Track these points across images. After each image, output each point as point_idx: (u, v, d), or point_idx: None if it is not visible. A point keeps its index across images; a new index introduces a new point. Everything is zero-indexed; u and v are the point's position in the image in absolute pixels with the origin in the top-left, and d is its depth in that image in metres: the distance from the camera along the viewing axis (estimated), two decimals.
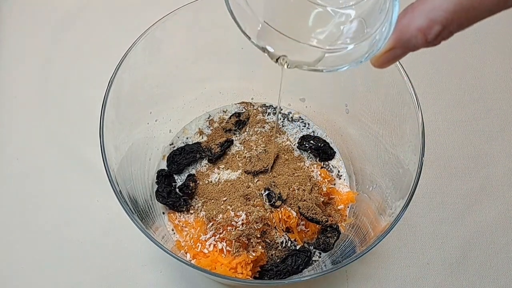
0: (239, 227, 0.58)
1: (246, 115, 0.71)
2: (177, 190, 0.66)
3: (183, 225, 0.63)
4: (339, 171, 0.69)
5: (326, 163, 0.69)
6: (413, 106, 0.54)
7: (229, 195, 0.63)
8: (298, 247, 0.63)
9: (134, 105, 0.61)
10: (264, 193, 0.62)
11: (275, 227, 0.62)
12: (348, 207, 0.66)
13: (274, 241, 0.62)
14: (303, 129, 0.72)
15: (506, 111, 0.77)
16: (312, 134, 0.72)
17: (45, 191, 0.70)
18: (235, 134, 0.71)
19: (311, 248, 0.63)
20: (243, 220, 0.58)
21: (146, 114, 0.65)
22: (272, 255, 0.62)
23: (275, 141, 0.70)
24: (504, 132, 0.76)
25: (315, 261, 0.63)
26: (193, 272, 0.66)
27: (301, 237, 0.63)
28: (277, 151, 0.68)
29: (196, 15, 0.60)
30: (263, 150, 0.68)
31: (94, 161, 0.70)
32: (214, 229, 0.60)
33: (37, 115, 0.76)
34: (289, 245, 0.62)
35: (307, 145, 0.69)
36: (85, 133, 0.73)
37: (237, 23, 0.41)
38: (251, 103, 0.74)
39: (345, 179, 0.69)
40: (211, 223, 0.60)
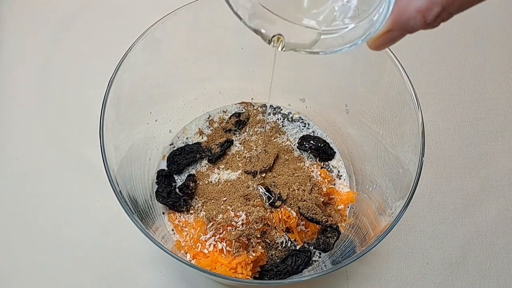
0: (239, 227, 0.58)
1: (246, 115, 0.71)
2: (177, 190, 0.66)
3: (183, 225, 0.63)
4: (339, 171, 0.69)
5: (326, 163, 0.69)
6: (413, 106, 0.54)
7: (229, 195, 0.63)
8: (298, 247, 0.63)
9: (134, 105, 0.61)
10: (256, 188, 0.62)
11: (275, 227, 0.62)
12: (348, 207, 0.66)
13: (274, 241, 0.62)
14: (303, 129, 0.72)
15: (506, 111, 0.77)
16: (312, 134, 0.72)
17: (45, 191, 0.70)
18: (235, 134, 0.71)
19: (311, 248, 0.63)
20: (243, 220, 0.58)
21: (146, 114, 0.65)
22: (272, 255, 0.62)
23: (274, 141, 0.70)
24: (504, 132, 0.76)
25: (315, 261, 0.63)
26: (193, 272, 0.66)
27: (301, 237, 0.63)
28: (277, 151, 0.68)
29: (196, 15, 0.60)
30: (263, 150, 0.68)
31: (94, 161, 0.70)
32: (214, 229, 0.60)
33: (37, 115, 0.76)
34: (289, 245, 0.62)
35: (307, 145, 0.69)
36: (85, 133, 0.73)
37: (228, 4, 0.39)
38: (251, 103, 0.73)
39: (345, 179, 0.69)
40: (211, 223, 0.60)
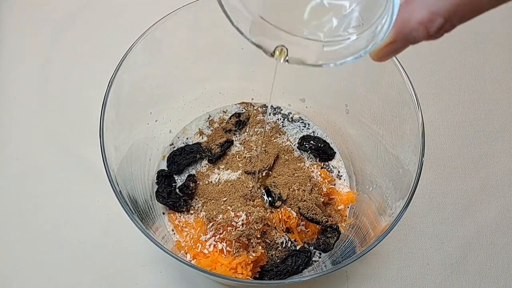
0: (239, 227, 0.58)
1: (246, 116, 0.71)
2: (177, 190, 0.66)
3: (183, 226, 0.63)
4: (339, 172, 0.69)
5: (326, 164, 0.69)
6: (413, 106, 0.54)
7: (229, 196, 0.63)
8: (298, 248, 0.63)
9: (134, 105, 0.61)
10: (258, 188, 0.62)
11: (275, 228, 0.62)
12: (348, 208, 0.66)
13: (274, 242, 0.62)
14: (303, 129, 0.72)
15: (506, 112, 0.77)
16: (312, 134, 0.72)
17: (45, 191, 0.70)
18: (235, 134, 0.71)
19: (311, 248, 0.63)
20: (243, 220, 0.58)
21: (146, 114, 0.65)
22: (272, 255, 0.61)
23: (274, 141, 0.70)
24: (504, 132, 0.76)
25: (315, 261, 0.62)
26: (193, 272, 0.66)
27: (301, 238, 0.63)
28: (277, 152, 0.68)
29: (196, 15, 0.60)
30: (263, 150, 0.67)
31: (94, 161, 0.70)
32: (214, 230, 0.60)
33: (37, 115, 0.76)
34: (289, 245, 0.62)
35: (307, 146, 0.69)
36: (85, 133, 0.73)
37: (228, 18, 0.39)
38: (251, 104, 0.73)
39: (345, 180, 0.69)
40: (211, 224, 0.60)
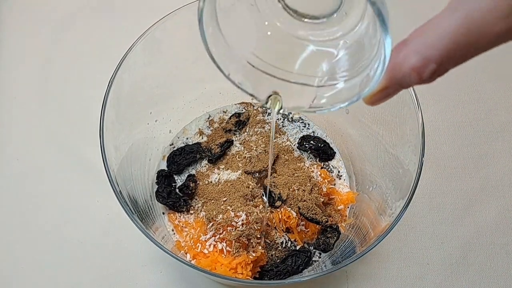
0: (239, 227, 0.58)
1: (246, 116, 0.71)
2: (177, 190, 0.66)
3: (183, 226, 0.63)
4: (339, 172, 0.69)
5: (326, 164, 0.69)
6: (413, 106, 0.54)
7: (229, 196, 0.62)
8: (298, 248, 0.63)
9: (134, 105, 0.61)
10: (259, 187, 0.62)
11: (275, 228, 0.62)
12: (348, 208, 0.66)
13: (274, 242, 0.62)
14: (303, 129, 0.72)
15: (506, 112, 0.77)
16: (312, 134, 0.72)
17: (45, 191, 0.70)
18: (235, 134, 0.71)
19: (311, 248, 0.63)
20: (243, 220, 0.58)
21: (146, 114, 0.65)
22: (272, 255, 0.61)
23: (274, 141, 0.70)
24: (504, 132, 0.76)
25: (315, 261, 0.63)
26: (193, 272, 0.66)
27: (301, 238, 0.63)
28: (277, 152, 0.68)
29: (196, 15, 0.60)
30: (263, 150, 0.67)
31: (94, 161, 0.70)
32: (214, 230, 0.60)
33: (37, 115, 0.76)
34: (289, 245, 0.62)
35: (307, 146, 0.69)
36: (85, 133, 0.73)
37: (220, 69, 0.39)
38: (251, 104, 0.73)
39: (345, 180, 0.69)
40: (211, 224, 0.60)
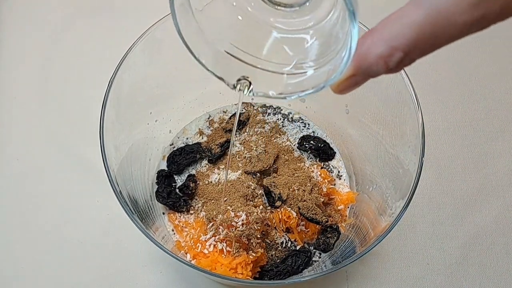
0: (239, 227, 0.58)
1: (246, 116, 0.71)
2: (177, 190, 0.66)
3: (183, 226, 0.63)
4: (339, 172, 0.69)
5: (326, 164, 0.69)
6: (413, 106, 0.54)
7: (229, 196, 0.63)
8: (298, 248, 0.63)
9: (134, 105, 0.61)
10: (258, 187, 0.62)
11: (275, 228, 0.62)
12: (348, 208, 0.66)
13: (274, 242, 0.62)
14: (303, 129, 0.72)
15: (506, 112, 0.77)
16: (312, 134, 0.72)
17: (45, 191, 0.70)
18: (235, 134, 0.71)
19: (311, 248, 0.63)
20: (243, 220, 0.58)
21: (146, 114, 0.65)
22: (272, 255, 0.61)
23: (274, 141, 0.70)
24: (504, 132, 0.76)
25: (315, 261, 0.62)
26: (193, 272, 0.66)
27: (301, 238, 0.63)
28: (277, 152, 0.68)
29: None
30: (263, 150, 0.67)
31: (94, 161, 0.70)
32: (214, 230, 0.60)
33: (37, 115, 0.76)
34: (289, 245, 0.62)
35: (307, 146, 0.69)
36: (85, 133, 0.73)
37: (189, 50, 0.40)
38: (251, 104, 0.73)
39: (345, 180, 0.69)
40: (211, 224, 0.60)
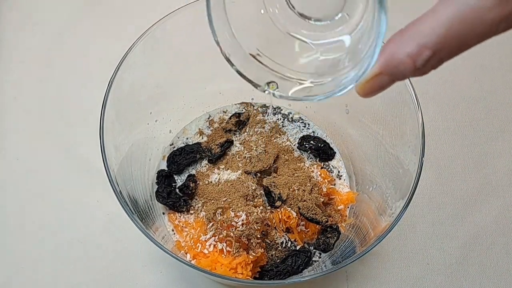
0: (239, 227, 0.58)
1: (246, 116, 0.71)
2: (177, 190, 0.66)
3: (183, 226, 0.63)
4: (339, 172, 0.69)
5: (326, 164, 0.69)
6: (413, 106, 0.54)
7: (229, 196, 0.63)
8: (298, 248, 0.63)
9: (134, 105, 0.61)
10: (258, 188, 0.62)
11: (275, 228, 0.62)
12: (348, 208, 0.66)
13: (274, 242, 0.62)
14: (303, 129, 0.72)
15: (506, 112, 0.77)
16: (312, 134, 0.72)
17: (45, 191, 0.70)
18: (235, 134, 0.71)
19: (311, 248, 0.63)
20: (243, 220, 0.58)
21: (146, 114, 0.65)
22: (272, 255, 0.61)
23: (274, 141, 0.70)
24: (504, 132, 0.76)
25: (315, 261, 0.62)
26: (193, 272, 0.66)
27: (301, 238, 0.63)
28: (277, 152, 0.68)
29: (196, 15, 0.60)
30: (263, 150, 0.67)
31: (94, 161, 0.70)
32: (214, 230, 0.60)
33: (37, 115, 0.76)
34: (289, 245, 0.62)
35: (307, 146, 0.69)
36: (85, 133, 0.73)
37: (221, 50, 0.41)
38: (251, 104, 0.73)
39: (345, 180, 0.69)
40: (211, 224, 0.60)
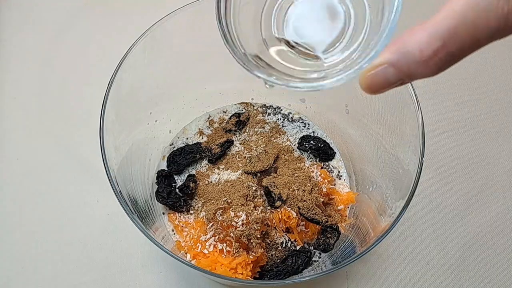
0: (239, 227, 0.58)
1: (246, 116, 0.71)
2: (177, 190, 0.66)
3: (183, 226, 0.63)
4: (339, 172, 0.69)
5: (326, 164, 0.69)
6: (413, 106, 0.54)
7: (229, 196, 0.63)
8: (298, 248, 0.63)
9: (134, 105, 0.61)
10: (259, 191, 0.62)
11: (275, 228, 0.62)
12: (348, 208, 0.66)
13: (274, 242, 0.62)
14: (303, 129, 0.72)
15: (506, 112, 0.77)
16: (312, 134, 0.72)
17: (45, 191, 0.70)
18: (235, 134, 0.71)
19: (311, 248, 0.63)
20: (243, 220, 0.58)
21: (146, 114, 0.65)
22: (272, 255, 0.61)
23: (274, 141, 0.70)
24: (504, 132, 0.76)
25: (315, 261, 0.62)
26: (193, 272, 0.66)
27: (301, 238, 0.63)
28: (277, 152, 0.68)
29: (196, 16, 0.60)
30: (263, 150, 0.67)
31: (94, 161, 0.70)
32: (214, 230, 0.60)
33: (37, 115, 0.76)
34: (289, 245, 0.62)
35: (307, 146, 0.69)
36: (85, 133, 0.73)
37: (229, 50, 0.41)
38: (251, 104, 0.73)
39: (345, 180, 0.69)
40: (211, 224, 0.60)
